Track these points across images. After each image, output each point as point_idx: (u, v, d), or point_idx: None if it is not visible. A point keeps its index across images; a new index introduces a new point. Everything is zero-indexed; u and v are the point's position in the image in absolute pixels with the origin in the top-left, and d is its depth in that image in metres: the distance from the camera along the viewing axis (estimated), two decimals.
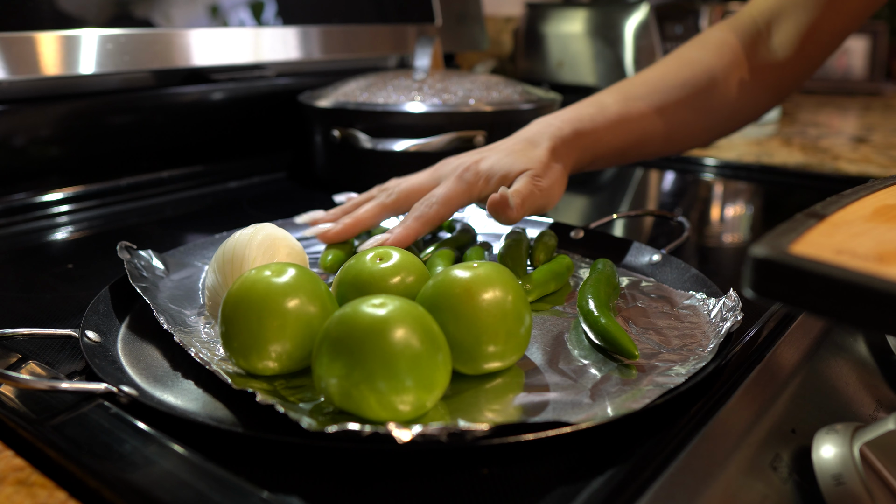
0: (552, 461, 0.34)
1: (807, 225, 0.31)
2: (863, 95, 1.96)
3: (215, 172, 0.94)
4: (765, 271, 0.28)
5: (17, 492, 0.33)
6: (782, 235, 0.30)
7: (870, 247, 0.29)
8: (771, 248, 0.28)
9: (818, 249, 0.28)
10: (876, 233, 0.31)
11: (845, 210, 0.35)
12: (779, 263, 0.28)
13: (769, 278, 0.28)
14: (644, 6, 1.20)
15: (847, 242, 0.29)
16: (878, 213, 0.35)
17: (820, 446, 0.37)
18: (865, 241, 0.30)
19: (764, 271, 0.28)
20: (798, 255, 0.28)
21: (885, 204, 0.36)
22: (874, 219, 0.34)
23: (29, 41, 0.73)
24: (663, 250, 0.60)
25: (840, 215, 0.34)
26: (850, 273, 0.26)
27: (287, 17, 0.96)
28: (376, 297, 0.38)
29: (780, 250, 0.28)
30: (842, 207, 0.35)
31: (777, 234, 0.30)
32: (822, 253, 0.28)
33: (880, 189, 0.39)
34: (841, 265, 0.27)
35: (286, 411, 0.34)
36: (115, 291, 0.51)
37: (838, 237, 0.30)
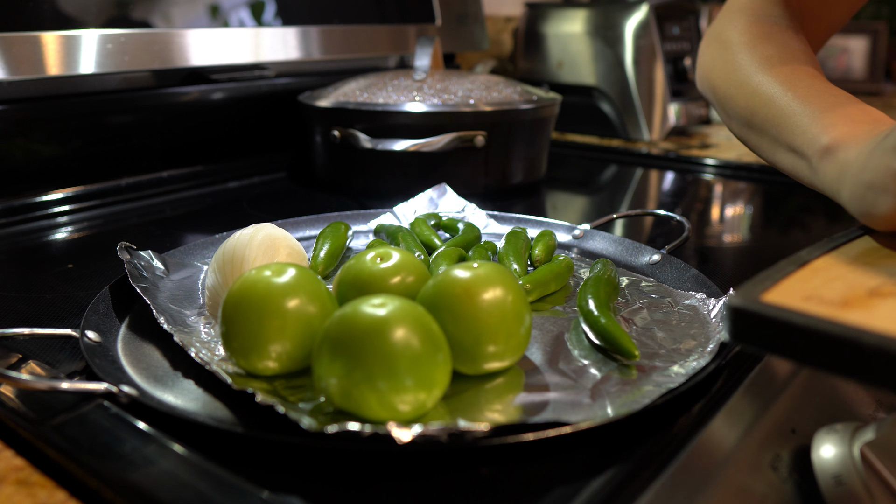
0: (552, 461, 0.34)
1: (786, 272, 0.33)
2: (863, 95, 1.95)
3: (215, 172, 0.94)
4: (738, 319, 0.30)
5: (17, 492, 0.33)
6: (759, 283, 0.31)
7: (839, 292, 0.30)
8: (744, 297, 0.30)
9: (788, 296, 0.30)
10: (851, 277, 0.32)
11: (830, 255, 0.36)
12: (749, 312, 0.29)
13: (742, 326, 0.30)
14: (644, 6, 1.20)
15: (819, 288, 0.31)
16: (862, 255, 0.36)
17: (820, 446, 0.37)
18: (838, 286, 0.31)
19: (738, 319, 0.30)
20: (766, 304, 0.29)
21: (871, 246, 0.37)
22: (856, 261, 0.35)
23: (29, 41, 0.73)
24: (663, 250, 0.60)
25: (823, 260, 0.35)
26: (808, 319, 0.28)
27: (287, 17, 0.96)
28: (376, 297, 0.38)
29: (751, 299, 0.30)
30: (827, 252, 0.36)
31: (756, 281, 0.31)
32: (791, 300, 0.29)
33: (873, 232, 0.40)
34: (801, 311, 0.28)
35: (286, 411, 0.34)
36: (115, 291, 0.51)
37: (813, 283, 0.31)
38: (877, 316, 0.28)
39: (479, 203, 0.75)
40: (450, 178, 0.81)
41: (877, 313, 0.28)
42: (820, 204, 0.93)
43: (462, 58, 1.40)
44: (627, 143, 1.23)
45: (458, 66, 1.30)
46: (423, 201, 0.74)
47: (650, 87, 1.22)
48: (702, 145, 1.20)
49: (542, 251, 0.60)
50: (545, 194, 0.94)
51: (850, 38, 1.97)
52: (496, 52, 1.50)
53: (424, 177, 0.84)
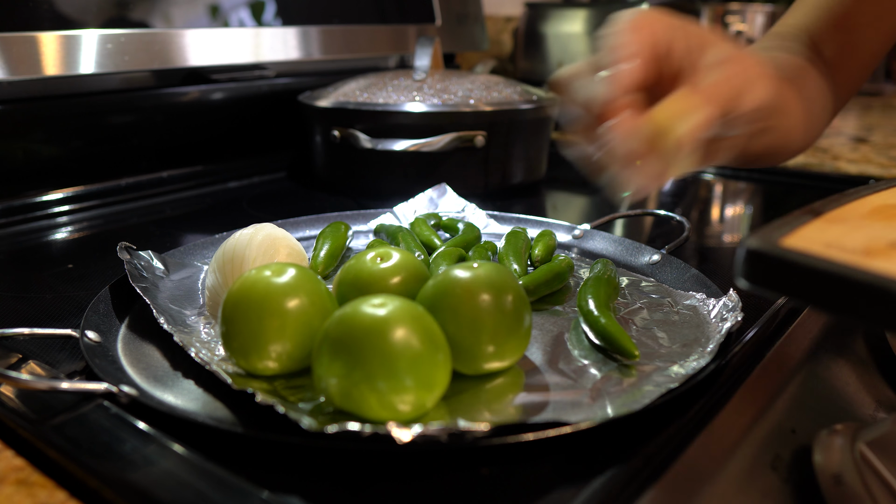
0: (552, 461, 0.34)
1: (802, 221, 0.32)
2: (863, 95, 1.95)
3: (215, 172, 0.94)
4: (755, 262, 0.29)
5: (17, 492, 0.33)
6: (776, 229, 0.31)
7: (860, 242, 0.30)
8: (762, 241, 0.29)
9: (808, 243, 0.29)
10: (869, 230, 0.32)
11: (844, 208, 0.35)
12: (768, 255, 0.29)
13: (759, 268, 0.29)
14: (644, 6, 1.20)
15: (838, 238, 0.30)
16: (876, 211, 0.35)
17: (820, 446, 0.37)
18: (857, 236, 0.31)
19: (754, 262, 0.29)
20: (787, 248, 0.29)
21: (885, 203, 0.36)
22: (871, 217, 0.34)
23: (29, 41, 0.73)
24: (663, 250, 0.60)
25: (838, 212, 0.34)
26: (833, 265, 0.27)
27: (287, 17, 0.96)
28: (376, 297, 0.38)
29: (771, 243, 0.29)
30: (841, 205, 0.36)
31: (771, 227, 0.31)
32: (812, 246, 0.29)
33: (884, 189, 0.39)
34: (826, 257, 0.28)
35: (286, 411, 0.34)
36: (115, 291, 0.51)
37: (831, 233, 0.31)
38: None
39: (479, 203, 0.75)
40: (450, 178, 0.81)
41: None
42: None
43: (462, 58, 1.40)
44: None
45: (458, 66, 1.30)
46: (423, 201, 0.74)
47: None
48: None
49: (542, 251, 0.60)
50: (545, 194, 0.94)
51: None
52: (496, 52, 1.50)
53: (424, 177, 0.84)
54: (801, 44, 0.60)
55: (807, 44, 0.59)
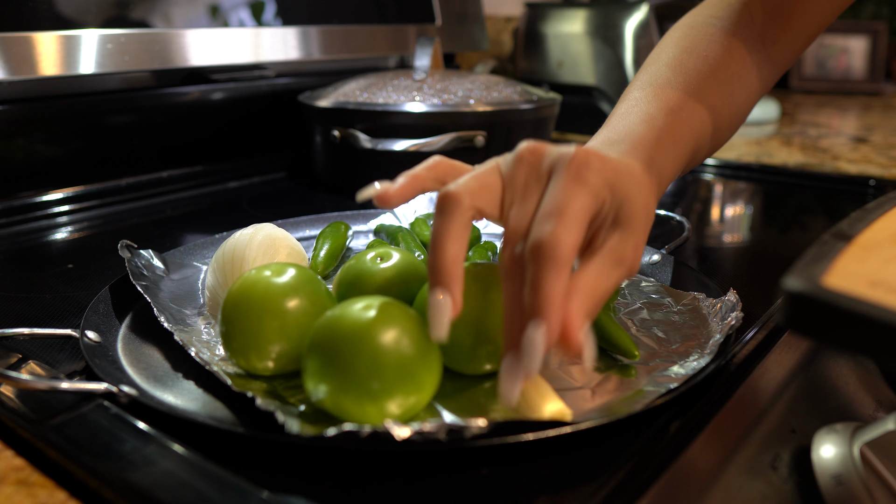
0: (552, 461, 0.34)
1: (836, 249, 0.29)
2: (863, 95, 1.96)
3: (215, 172, 0.94)
4: (801, 307, 0.26)
5: (17, 492, 0.33)
6: (814, 264, 0.28)
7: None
8: (805, 281, 0.26)
9: (852, 281, 0.26)
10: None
11: (872, 228, 0.32)
12: (815, 299, 0.26)
13: (806, 315, 0.26)
14: (644, 6, 1.20)
15: (880, 271, 0.27)
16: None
17: (820, 446, 0.37)
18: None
19: (800, 307, 0.26)
20: (834, 291, 0.26)
21: None
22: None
23: (29, 41, 0.73)
24: (663, 250, 0.60)
25: (867, 235, 0.32)
26: (888, 313, 0.25)
27: (287, 17, 0.96)
28: (364, 300, 0.37)
29: (814, 283, 0.26)
30: (868, 225, 0.33)
31: (808, 261, 0.28)
32: (857, 286, 0.26)
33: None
34: (880, 304, 0.25)
35: (284, 420, 0.34)
36: (115, 291, 0.51)
37: (870, 264, 0.28)
38: None
39: None
40: None
41: None
42: (820, 204, 0.93)
43: (462, 58, 1.40)
44: None
45: (458, 66, 1.30)
46: (423, 201, 0.74)
47: None
48: None
49: None
50: None
51: (850, 38, 1.97)
52: (496, 52, 1.50)
53: None
54: (732, 9, 0.56)
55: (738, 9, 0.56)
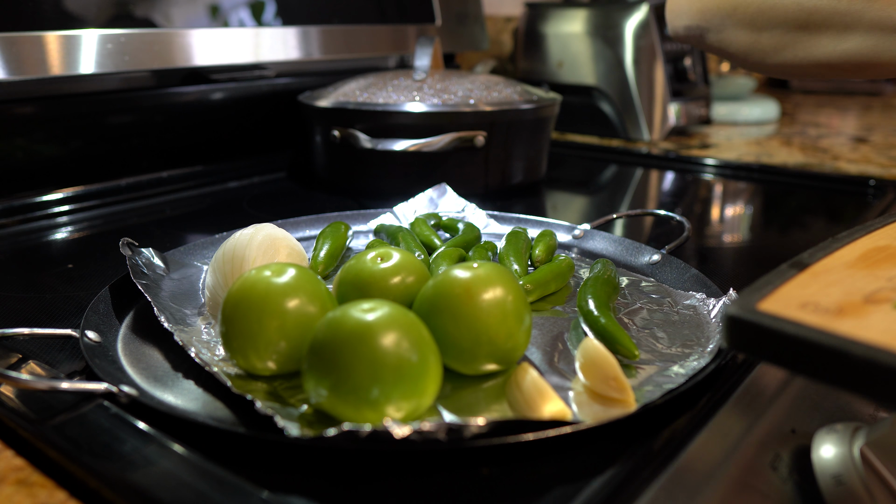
0: (552, 461, 0.34)
1: (786, 277, 0.33)
2: (863, 95, 1.95)
3: (215, 172, 0.94)
4: (734, 328, 0.30)
5: (17, 492, 0.33)
6: (757, 290, 0.31)
7: (836, 298, 0.30)
8: (740, 306, 0.30)
9: (784, 304, 0.30)
10: (850, 281, 0.32)
11: (832, 256, 0.36)
12: (744, 321, 0.29)
13: (738, 334, 0.30)
14: (644, 6, 1.20)
15: (816, 294, 0.31)
16: (863, 257, 0.35)
17: (820, 446, 0.37)
18: (835, 291, 0.31)
19: (733, 328, 0.30)
20: (761, 312, 0.29)
21: (875, 246, 0.37)
22: (856, 265, 0.35)
23: (29, 41, 0.73)
24: (663, 250, 0.60)
25: (824, 263, 0.35)
26: (800, 328, 0.28)
27: (287, 17, 0.96)
28: (366, 302, 0.37)
29: (747, 308, 0.30)
30: (830, 254, 0.36)
31: (755, 287, 0.31)
32: (787, 308, 0.29)
33: (877, 229, 0.40)
34: (794, 320, 0.28)
35: (284, 424, 0.34)
36: (115, 291, 0.51)
37: (811, 289, 0.31)
38: (868, 325, 0.28)
39: (479, 203, 0.75)
40: (450, 178, 0.81)
41: (869, 322, 0.28)
42: (820, 204, 0.93)
43: (462, 58, 1.40)
44: (627, 143, 1.23)
45: (458, 66, 1.30)
46: (423, 201, 0.74)
47: (650, 87, 1.22)
48: (702, 145, 1.20)
49: (542, 251, 0.60)
50: (545, 194, 0.94)
51: None
52: (496, 52, 1.50)
53: (424, 177, 0.84)
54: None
55: None
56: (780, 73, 0.57)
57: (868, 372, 0.26)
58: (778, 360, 0.29)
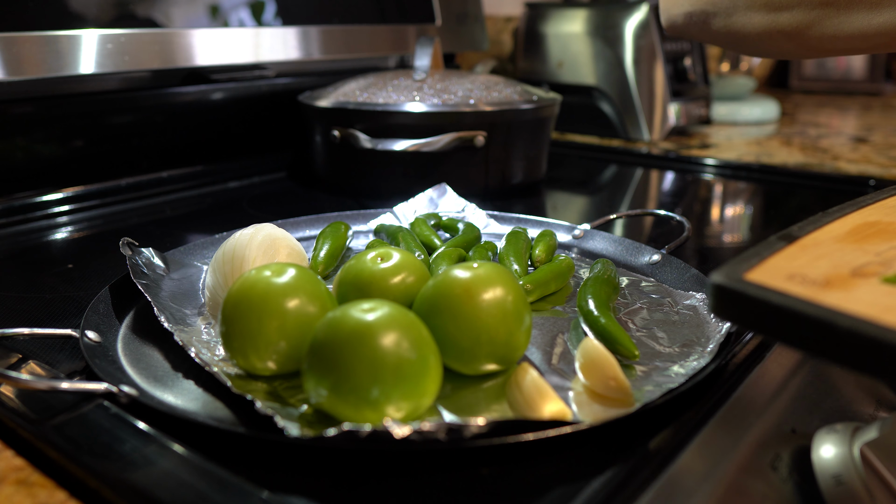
0: (552, 461, 0.34)
1: (774, 248, 0.33)
2: (863, 95, 1.95)
3: (215, 172, 0.94)
4: (720, 296, 0.30)
5: (17, 492, 0.33)
6: (745, 261, 0.31)
7: (823, 270, 0.30)
8: (726, 275, 0.30)
9: (772, 275, 0.30)
10: (838, 255, 0.32)
11: (822, 230, 0.36)
12: (729, 289, 0.29)
13: (723, 302, 0.30)
14: (644, 6, 1.20)
15: (804, 267, 0.31)
16: (853, 232, 0.35)
17: (820, 446, 0.37)
18: (823, 264, 0.31)
19: (719, 296, 0.30)
20: (748, 282, 0.29)
21: (865, 222, 0.37)
22: (846, 239, 0.34)
23: (29, 41, 0.73)
24: (663, 250, 0.60)
25: (814, 236, 0.35)
26: (785, 298, 0.28)
27: (287, 17, 0.96)
28: (366, 302, 0.37)
29: (734, 277, 0.30)
30: (819, 227, 0.36)
31: (741, 258, 0.31)
32: (774, 279, 0.29)
33: (868, 205, 0.40)
34: (780, 290, 0.28)
35: (284, 424, 0.34)
36: (115, 291, 0.51)
37: (800, 261, 0.31)
38: (855, 297, 0.28)
39: (479, 203, 0.75)
40: (450, 178, 0.81)
41: (856, 294, 0.28)
42: (820, 204, 0.93)
43: (462, 58, 1.40)
44: (627, 143, 1.23)
45: (458, 66, 1.30)
46: (423, 201, 0.74)
47: (650, 87, 1.22)
48: (702, 145, 1.20)
49: (542, 251, 0.60)
50: (545, 194, 0.94)
51: None
52: (496, 52, 1.50)
53: (424, 177, 0.84)
54: None
55: None
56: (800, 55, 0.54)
57: (853, 343, 0.26)
58: (763, 329, 0.29)
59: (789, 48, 0.53)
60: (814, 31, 0.50)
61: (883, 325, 0.25)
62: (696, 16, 0.56)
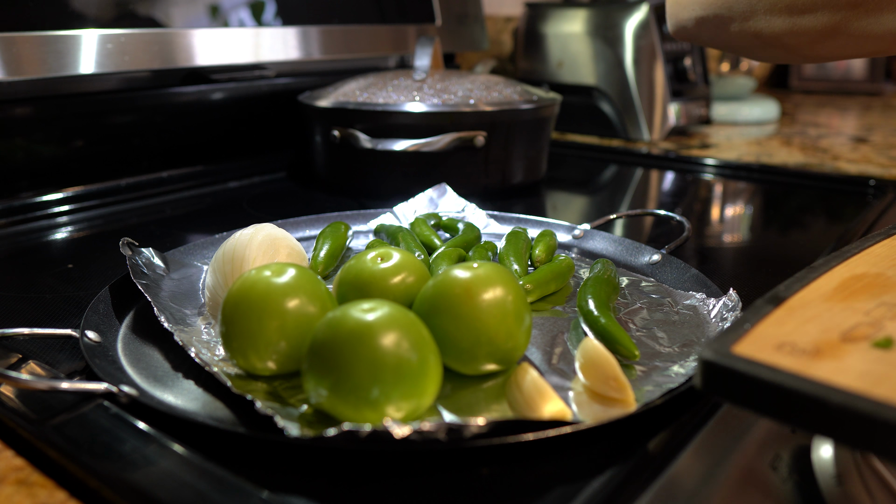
0: (552, 461, 0.34)
1: (762, 314, 0.32)
2: (863, 95, 1.95)
3: (215, 172, 0.94)
4: (709, 372, 0.28)
5: (17, 492, 0.33)
6: (733, 331, 0.30)
7: (812, 337, 0.29)
8: (714, 351, 0.29)
9: (760, 346, 0.29)
10: (826, 317, 0.31)
11: (809, 288, 0.34)
12: (718, 366, 0.28)
13: (712, 379, 0.28)
14: (644, 6, 1.20)
15: (792, 333, 0.30)
16: (840, 288, 0.35)
17: (820, 446, 0.37)
18: (811, 329, 0.30)
19: (708, 372, 0.29)
20: (736, 356, 0.28)
21: (852, 275, 0.36)
22: (833, 297, 0.34)
23: (29, 41, 0.73)
24: (663, 250, 0.60)
25: (801, 296, 0.34)
26: (778, 374, 0.27)
27: (287, 17, 0.96)
28: (364, 303, 0.37)
29: (722, 352, 0.28)
30: (806, 285, 0.35)
31: (729, 330, 0.30)
32: (762, 350, 0.28)
33: (853, 255, 0.39)
34: (770, 365, 0.27)
35: (284, 424, 0.34)
36: (115, 291, 0.51)
37: (788, 326, 0.30)
38: (846, 367, 0.27)
39: (479, 203, 0.75)
40: (450, 178, 0.81)
41: (847, 363, 0.27)
42: (820, 204, 0.93)
43: (462, 58, 1.40)
44: (627, 143, 1.23)
45: (458, 66, 1.30)
46: (423, 201, 0.74)
47: (650, 87, 1.22)
48: (702, 145, 1.20)
49: (542, 251, 0.60)
50: (545, 194, 0.94)
51: None
52: (496, 52, 1.50)
53: (424, 177, 0.84)
54: None
55: None
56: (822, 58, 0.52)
57: (845, 419, 0.25)
58: (753, 405, 0.28)
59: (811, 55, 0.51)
60: (840, 33, 0.48)
61: (876, 400, 0.25)
62: (708, 20, 0.53)
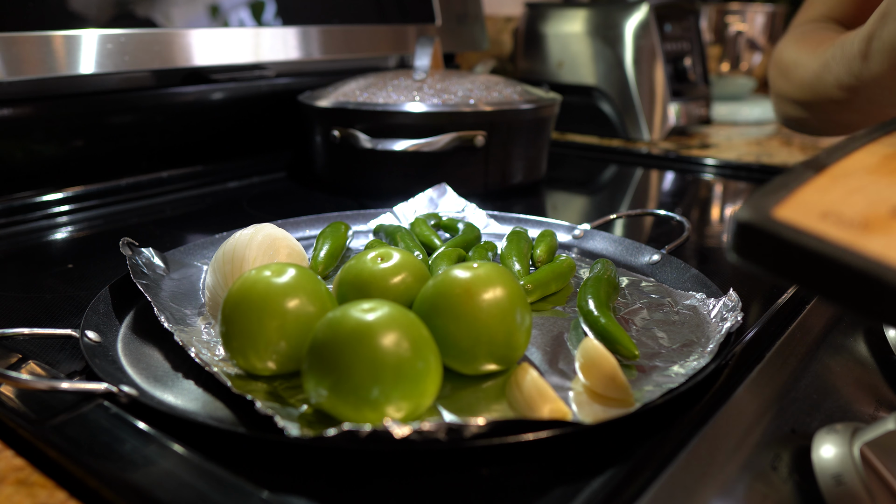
0: (552, 461, 0.34)
1: (802, 179, 0.29)
2: None
3: (215, 172, 0.94)
4: (746, 236, 0.26)
5: (17, 492, 0.33)
6: (772, 193, 0.27)
7: (860, 208, 0.27)
8: (754, 211, 0.26)
9: (804, 213, 0.26)
10: (873, 189, 0.28)
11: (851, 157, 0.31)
12: (759, 229, 0.26)
13: (750, 243, 0.26)
14: (644, 6, 1.20)
15: (838, 203, 0.27)
16: (885, 160, 0.32)
17: (820, 446, 0.37)
18: (858, 200, 0.27)
19: (745, 236, 0.26)
20: (779, 222, 0.26)
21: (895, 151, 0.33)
22: (879, 169, 0.31)
23: (29, 41, 0.73)
24: (663, 250, 0.60)
25: (843, 164, 0.31)
26: (826, 245, 0.24)
27: (287, 17, 0.96)
28: (364, 303, 0.37)
29: (762, 214, 0.26)
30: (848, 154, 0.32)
31: (767, 191, 0.27)
32: (806, 218, 0.26)
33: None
34: (818, 235, 0.25)
35: (284, 424, 0.34)
36: (115, 291, 0.51)
37: (832, 195, 0.28)
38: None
39: (479, 203, 0.75)
40: (450, 178, 0.81)
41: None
42: None
43: (462, 58, 1.40)
44: (627, 143, 1.23)
45: (458, 66, 1.30)
46: (423, 201, 0.74)
47: (650, 87, 1.22)
48: (702, 145, 1.20)
49: (543, 251, 0.60)
50: (545, 194, 0.94)
51: None
52: (496, 52, 1.50)
53: (424, 177, 0.84)
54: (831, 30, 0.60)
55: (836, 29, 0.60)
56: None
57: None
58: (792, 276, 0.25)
59: None
60: None
61: None
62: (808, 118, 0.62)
